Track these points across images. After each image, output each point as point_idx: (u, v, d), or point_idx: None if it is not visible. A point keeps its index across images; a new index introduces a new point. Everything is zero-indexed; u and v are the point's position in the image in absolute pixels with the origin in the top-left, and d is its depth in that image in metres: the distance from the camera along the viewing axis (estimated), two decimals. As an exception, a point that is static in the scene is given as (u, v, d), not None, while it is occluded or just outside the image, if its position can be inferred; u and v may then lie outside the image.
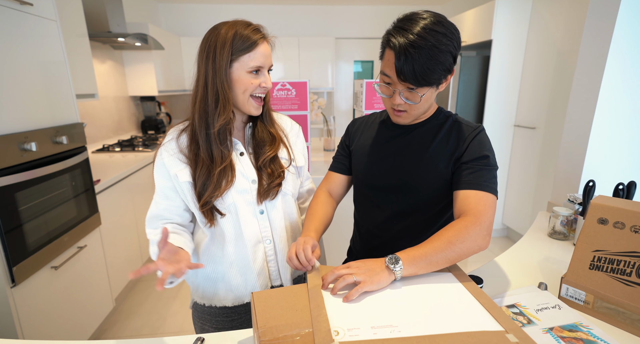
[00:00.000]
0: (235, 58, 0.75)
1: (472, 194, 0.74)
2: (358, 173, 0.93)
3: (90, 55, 2.12)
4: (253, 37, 0.75)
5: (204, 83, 0.77)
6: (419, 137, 0.85)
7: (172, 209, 0.83)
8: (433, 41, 0.69)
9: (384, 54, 0.76)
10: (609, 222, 0.73)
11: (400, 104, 0.78)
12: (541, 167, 2.52)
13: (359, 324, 0.59)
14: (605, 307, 0.72)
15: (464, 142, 0.80)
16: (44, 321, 1.38)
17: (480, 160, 0.78)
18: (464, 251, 0.69)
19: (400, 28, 0.72)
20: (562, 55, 2.27)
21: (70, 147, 1.56)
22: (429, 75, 0.71)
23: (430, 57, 0.69)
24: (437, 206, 0.86)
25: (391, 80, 0.75)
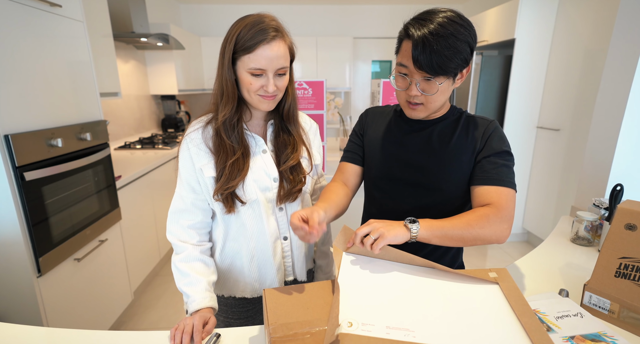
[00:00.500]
0: (237, 57, 0.75)
1: (493, 189, 0.77)
2: (373, 165, 0.92)
3: (114, 55, 2.19)
4: (255, 38, 0.72)
5: (217, 75, 0.80)
6: (438, 132, 0.85)
7: (198, 203, 0.84)
8: (452, 30, 0.69)
9: (400, 46, 0.76)
10: (638, 228, 0.69)
11: (416, 95, 0.76)
12: (565, 170, 2.43)
13: (375, 320, 0.59)
14: (632, 317, 0.68)
15: (482, 136, 0.82)
16: (67, 310, 1.43)
17: (501, 156, 0.79)
18: (480, 237, 0.72)
19: (420, 20, 0.72)
20: (590, 54, 2.18)
21: (94, 143, 1.62)
22: (446, 63, 0.70)
23: (448, 45, 0.69)
24: (455, 203, 0.85)
25: (408, 71, 0.75)
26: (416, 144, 0.86)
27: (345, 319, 0.59)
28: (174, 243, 0.84)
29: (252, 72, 0.75)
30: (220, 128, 0.80)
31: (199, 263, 0.83)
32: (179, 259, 0.82)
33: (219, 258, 0.89)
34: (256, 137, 0.85)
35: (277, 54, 0.74)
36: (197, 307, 0.76)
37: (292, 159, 0.85)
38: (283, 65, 0.77)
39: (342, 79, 4.37)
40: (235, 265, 0.89)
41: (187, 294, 0.79)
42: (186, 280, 0.80)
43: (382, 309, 0.62)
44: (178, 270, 0.82)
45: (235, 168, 0.80)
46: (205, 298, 0.78)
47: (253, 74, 0.75)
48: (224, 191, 0.80)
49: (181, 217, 0.84)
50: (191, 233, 0.84)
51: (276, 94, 0.80)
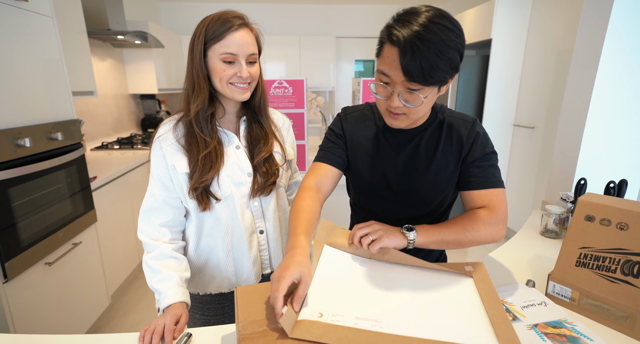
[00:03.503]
0: (208, 47, 0.77)
1: (484, 192, 0.77)
2: (362, 177, 0.87)
3: (89, 52, 2.13)
4: (223, 27, 0.76)
5: (187, 71, 0.80)
6: (424, 142, 0.81)
7: (171, 201, 0.83)
8: (443, 36, 0.62)
9: (381, 50, 0.68)
10: (596, 219, 0.72)
11: (398, 107, 0.69)
12: (540, 166, 2.51)
13: (345, 312, 0.59)
14: (591, 304, 0.71)
15: (466, 140, 0.79)
16: (37, 317, 1.38)
17: (488, 157, 0.78)
18: (476, 239, 0.73)
19: (403, 20, 0.64)
20: (562, 54, 2.26)
21: (66, 143, 1.57)
22: (436, 73, 0.63)
23: (440, 52, 0.61)
24: (441, 209, 0.86)
25: (390, 80, 0.67)
26: (405, 157, 0.82)
27: (316, 310, 0.59)
28: (145, 241, 0.83)
29: (224, 59, 0.77)
30: (192, 121, 0.80)
31: (171, 260, 0.82)
32: (151, 257, 0.81)
33: (194, 254, 0.88)
34: (229, 133, 0.86)
35: (246, 40, 0.78)
36: (169, 302, 0.75)
37: (264, 151, 0.86)
38: (253, 52, 0.80)
39: (326, 78, 4.38)
40: (211, 260, 0.89)
41: (158, 290, 0.78)
42: (157, 277, 0.79)
43: (353, 301, 0.62)
44: (149, 268, 0.80)
45: (208, 160, 0.80)
46: (177, 293, 0.77)
47: (225, 61, 0.77)
48: (199, 185, 0.79)
49: (153, 215, 0.83)
50: (163, 231, 0.83)
51: (250, 82, 0.81)
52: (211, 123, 0.82)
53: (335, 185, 0.86)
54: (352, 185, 0.92)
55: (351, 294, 0.64)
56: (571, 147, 1.30)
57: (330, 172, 0.84)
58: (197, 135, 0.80)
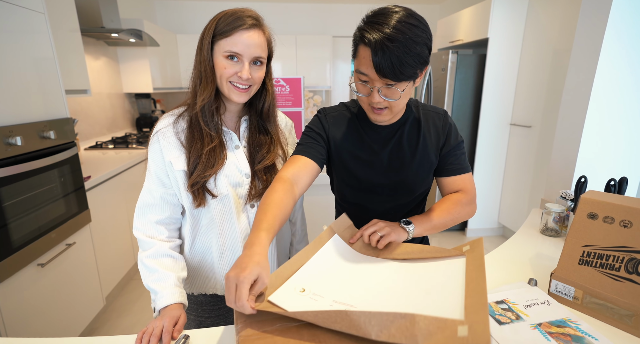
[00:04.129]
0: (215, 41, 0.76)
1: (458, 178, 0.89)
2: (348, 175, 0.89)
3: (82, 50, 2.10)
4: (234, 23, 0.74)
5: (195, 63, 0.79)
6: (406, 135, 0.87)
7: (167, 198, 0.81)
8: (409, 34, 0.67)
9: (357, 51, 0.73)
10: (599, 217, 0.72)
11: (379, 102, 0.75)
12: (537, 165, 2.51)
13: (326, 293, 0.61)
14: (594, 302, 0.70)
15: (442, 130, 0.88)
16: (29, 319, 1.35)
17: (459, 147, 0.88)
18: (458, 219, 0.86)
19: (374, 23, 0.69)
20: (558, 54, 2.26)
21: (59, 142, 1.54)
22: (407, 69, 0.68)
23: (407, 49, 0.67)
24: (421, 197, 0.95)
25: (368, 78, 0.72)
26: (390, 152, 0.86)
27: (299, 285, 0.61)
28: (141, 239, 0.81)
29: (227, 55, 0.75)
30: (198, 114, 0.78)
31: (168, 259, 0.80)
32: (147, 255, 0.79)
33: (188, 254, 0.87)
34: (229, 132, 0.84)
35: (254, 41, 0.75)
36: (166, 303, 0.73)
37: (267, 159, 0.85)
38: (259, 54, 0.77)
39: (322, 78, 4.37)
40: (205, 261, 0.87)
41: (154, 290, 0.76)
42: (154, 276, 0.77)
43: (339, 286, 0.64)
44: (145, 267, 0.78)
45: (213, 155, 0.79)
46: (174, 294, 0.75)
47: (228, 58, 0.75)
48: (200, 180, 0.78)
49: (149, 212, 0.81)
50: (160, 229, 0.81)
51: (250, 85, 0.78)
52: (215, 118, 0.81)
53: (311, 181, 0.83)
54: (340, 183, 0.92)
55: (339, 280, 0.66)
56: (570, 144, 1.30)
57: (308, 165, 0.81)
58: (202, 129, 0.79)
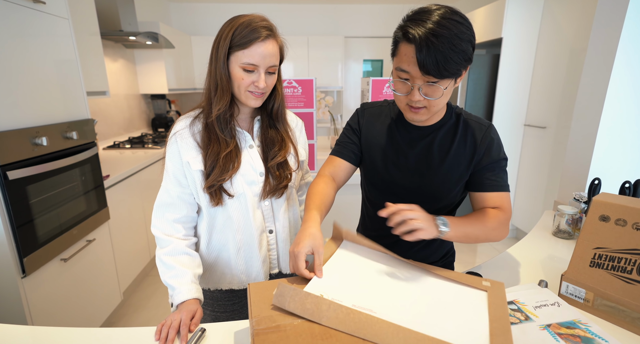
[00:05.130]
0: (232, 52, 0.78)
1: (495, 195, 0.82)
2: (374, 171, 0.90)
3: (102, 53, 2.17)
4: (250, 36, 0.76)
5: (210, 71, 0.81)
6: (438, 140, 0.84)
7: (184, 197, 0.85)
8: (454, 30, 0.66)
9: (397, 49, 0.72)
10: (611, 219, 0.71)
11: (419, 100, 0.72)
12: (551, 166, 2.47)
13: (345, 298, 0.61)
14: (605, 305, 0.70)
15: (481, 143, 0.82)
16: (53, 311, 1.42)
17: (499, 163, 0.83)
18: (490, 237, 0.78)
19: (417, 20, 0.68)
20: (575, 53, 2.22)
21: (80, 142, 1.60)
22: (451, 65, 0.66)
23: (453, 45, 0.65)
24: (450, 207, 0.89)
25: (409, 76, 0.70)
26: (418, 154, 0.85)
27: (317, 291, 0.62)
28: (158, 236, 0.84)
29: (244, 67, 0.78)
30: (214, 122, 0.82)
31: (185, 256, 0.83)
32: (165, 252, 0.83)
33: (205, 250, 0.90)
34: (243, 132, 0.87)
35: (270, 52, 0.78)
36: (183, 298, 0.77)
37: (279, 156, 0.88)
38: (274, 64, 0.80)
39: (334, 78, 4.38)
40: (222, 257, 0.90)
41: (172, 286, 0.79)
42: (171, 273, 0.80)
43: (356, 290, 0.64)
44: (163, 263, 0.82)
45: (229, 160, 0.82)
46: (191, 290, 0.78)
47: (245, 70, 0.78)
48: (216, 182, 0.81)
49: (167, 211, 0.85)
50: (177, 227, 0.85)
51: (265, 91, 0.82)
52: (230, 124, 0.84)
53: (348, 178, 0.93)
54: (365, 179, 0.95)
55: (356, 284, 0.66)
56: (584, 146, 1.29)
57: (343, 165, 0.91)
58: (217, 136, 0.82)
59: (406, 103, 0.75)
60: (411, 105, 0.75)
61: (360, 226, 1.07)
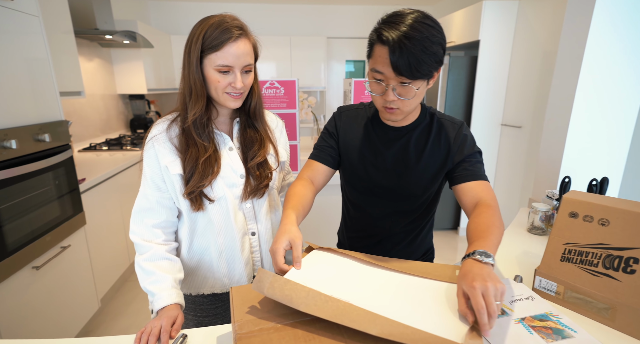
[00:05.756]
0: (204, 55, 0.76)
1: (476, 184, 0.83)
2: (352, 172, 0.92)
3: (76, 52, 2.10)
4: (222, 37, 0.74)
5: (184, 75, 0.79)
6: (414, 140, 0.87)
7: (164, 202, 0.83)
8: (426, 33, 0.69)
9: (372, 51, 0.75)
10: (579, 216, 0.75)
11: (393, 101, 0.75)
12: (527, 165, 2.57)
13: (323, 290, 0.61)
14: (575, 297, 0.74)
15: (454, 141, 0.86)
16: (24, 322, 1.36)
17: (474, 156, 0.86)
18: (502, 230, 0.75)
19: (390, 23, 0.71)
20: (547, 56, 2.31)
21: (54, 144, 1.54)
22: (423, 67, 0.70)
23: (424, 47, 0.68)
24: (427, 202, 0.92)
25: (384, 76, 0.73)
26: (394, 153, 0.87)
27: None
28: (137, 243, 0.82)
29: (219, 69, 0.76)
30: (190, 127, 0.80)
31: (165, 262, 0.81)
32: (144, 258, 0.81)
33: (186, 255, 0.88)
34: (223, 135, 0.86)
35: (243, 51, 0.77)
36: (164, 304, 0.75)
37: (259, 156, 0.87)
38: (249, 62, 0.79)
39: (317, 79, 4.39)
40: (204, 261, 0.89)
41: (152, 292, 0.77)
42: (151, 279, 0.79)
43: (335, 284, 0.65)
44: (142, 270, 0.80)
45: (208, 165, 0.81)
46: (171, 295, 0.77)
47: (220, 71, 0.77)
48: (196, 188, 0.80)
49: (146, 216, 0.83)
50: (156, 232, 0.83)
51: (243, 91, 0.81)
52: (207, 128, 0.82)
53: (327, 180, 0.95)
54: (345, 181, 0.96)
55: (334, 278, 0.67)
56: (556, 146, 1.34)
57: (321, 168, 0.92)
58: (195, 140, 0.81)
59: (382, 104, 0.78)
60: (386, 106, 0.78)
61: (342, 228, 1.08)
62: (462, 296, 0.57)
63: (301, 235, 0.71)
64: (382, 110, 0.80)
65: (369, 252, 0.89)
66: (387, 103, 0.76)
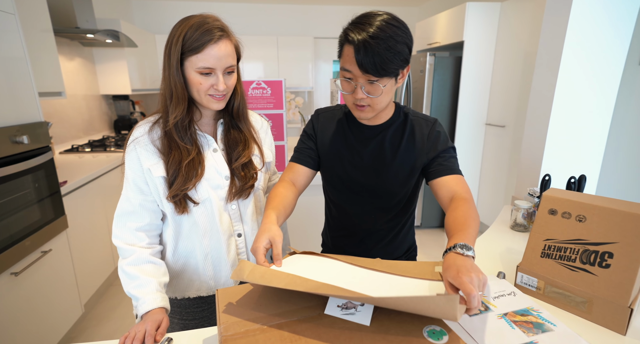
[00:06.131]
0: (185, 57, 0.75)
1: (451, 178, 0.84)
2: (332, 172, 0.94)
3: (56, 51, 2.04)
4: (202, 39, 0.73)
5: (164, 77, 0.78)
6: (389, 137, 0.89)
7: (147, 205, 0.81)
8: (390, 33, 0.72)
9: (342, 50, 0.78)
10: (558, 213, 0.77)
11: (362, 98, 0.78)
12: (511, 163, 2.63)
13: None
14: (554, 292, 0.76)
15: (428, 137, 0.88)
16: (3, 330, 1.31)
17: (448, 151, 0.88)
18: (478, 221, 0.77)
19: (358, 23, 0.74)
20: (529, 56, 2.37)
21: (33, 146, 1.49)
22: (388, 65, 0.72)
23: (388, 47, 0.71)
24: (404, 199, 0.93)
25: (352, 75, 0.76)
26: (371, 152, 0.89)
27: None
28: (120, 247, 0.81)
29: (201, 71, 0.75)
30: (172, 130, 0.79)
31: (149, 265, 0.80)
32: (127, 262, 0.79)
33: (172, 258, 0.87)
34: (207, 136, 0.85)
35: (224, 52, 0.76)
36: (148, 308, 0.74)
37: (243, 156, 0.86)
38: (231, 64, 0.78)
39: (304, 79, 4.39)
40: (189, 264, 0.88)
41: (136, 297, 0.76)
42: (135, 283, 0.77)
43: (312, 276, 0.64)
44: (126, 274, 0.79)
45: (192, 168, 0.80)
46: (156, 299, 0.75)
47: (202, 73, 0.75)
48: (180, 192, 0.78)
49: (129, 220, 0.81)
50: (140, 236, 0.81)
51: (226, 93, 0.80)
52: (190, 130, 0.81)
53: (308, 182, 0.96)
54: (325, 181, 0.97)
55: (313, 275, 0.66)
56: (537, 144, 1.38)
57: (302, 170, 0.94)
58: (177, 143, 0.79)
59: (352, 102, 0.81)
60: (356, 104, 0.80)
61: (325, 228, 1.09)
62: (449, 288, 0.58)
63: (281, 234, 0.72)
64: (353, 107, 0.83)
65: (352, 251, 0.90)
66: (356, 100, 0.79)
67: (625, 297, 0.67)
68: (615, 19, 1.24)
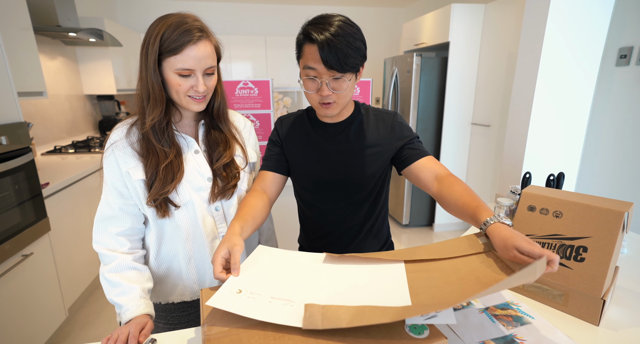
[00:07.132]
0: (163, 58, 0.73)
1: (426, 160, 0.87)
2: (302, 174, 0.94)
3: (36, 50, 1.98)
4: (181, 39, 0.71)
5: (141, 78, 0.76)
6: (353, 132, 0.91)
7: (127, 209, 0.79)
8: (348, 31, 0.77)
9: (302, 51, 0.80)
10: (536, 209, 0.80)
11: (328, 95, 0.80)
12: (496, 162, 2.68)
13: (263, 291, 0.62)
14: (533, 286, 0.78)
15: (392, 128, 0.91)
16: (-17, 335, 1.28)
17: (415, 139, 0.92)
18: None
19: (317, 25, 0.78)
20: (512, 57, 2.43)
21: (12, 147, 1.46)
22: (350, 60, 0.76)
23: (349, 43, 0.76)
24: (376, 190, 0.95)
25: (317, 73, 0.78)
26: (337, 147, 0.91)
27: (235, 287, 0.62)
28: (101, 253, 0.79)
29: (180, 73, 0.74)
30: (149, 132, 0.77)
31: (132, 271, 0.78)
32: (109, 269, 0.77)
33: (154, 263, 0.86)
34: (187, 138, 0.84)
35: (204, 53, 0.74)
36: (131, 316, 0.72)
37: (225, 157, 0.85)
38: (211, 65, 0.77)
39: (293, 79, 4.39)
40: (172, 268, 0.87)
41: (119, 304, 0.74)
42: (117, 290, 0.75)
43: (275, 283, 0.65)
44: (108, 281, 0.77)
45: (170, 171, 0.78)
46: (140, 306, 0.74)
47: (181, 75, 0.74)
48: (159, 196, 0.77)
49: (109, 224, 0.79)
50: (121, 241, 0.80)
51: (206, 94, 0.79)
52: (167, 132, 0.79)
53: (280, 188, 0.96)
54: (297, 184, 0.98)
55: (274, 277, 0.66)
56: (518, 143, 1.41)
57: (271, 176, 0.93)
58: (154, 146, 0.78)
59: (317, 101, 0.82)
60: (322, 102, 0.82)
61: (301, 234, 1.09)
62: (519, 255, 0.59)
63: (242, 243, 0.69)
64: (318, 106, 0.84)
65: (329, 250, 0.89)
66: (323, 98, 0.81)
67: (598, 289, 0.70)
68: (591, 22, 1.29)
